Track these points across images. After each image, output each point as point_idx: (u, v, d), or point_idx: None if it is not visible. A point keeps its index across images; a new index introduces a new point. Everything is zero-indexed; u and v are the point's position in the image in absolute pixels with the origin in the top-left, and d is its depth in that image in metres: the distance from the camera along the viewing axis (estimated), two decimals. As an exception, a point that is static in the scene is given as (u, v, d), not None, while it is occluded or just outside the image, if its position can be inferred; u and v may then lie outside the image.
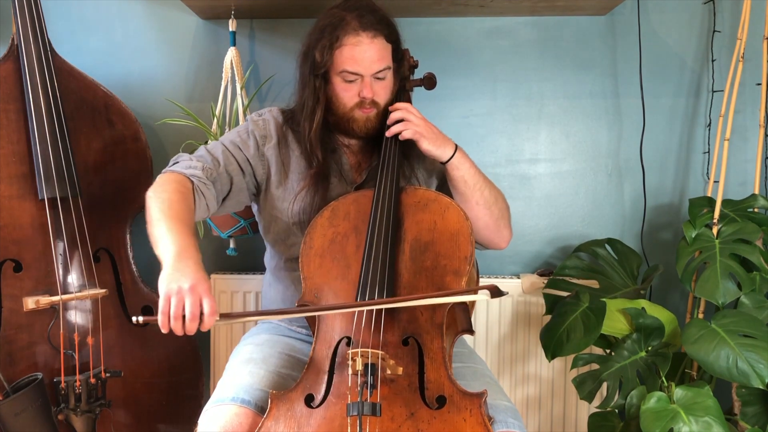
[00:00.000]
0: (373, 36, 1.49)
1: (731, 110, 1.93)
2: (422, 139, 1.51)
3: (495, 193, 1.58)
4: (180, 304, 1.18)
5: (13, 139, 1.78)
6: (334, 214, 1.48)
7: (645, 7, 2.12)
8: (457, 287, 1.34)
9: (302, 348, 1.56)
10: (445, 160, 1.53)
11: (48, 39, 1.84)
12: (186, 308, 1.18)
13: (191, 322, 1.18)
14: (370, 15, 1.50)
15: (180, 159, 1.54)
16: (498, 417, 1.30)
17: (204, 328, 1.21)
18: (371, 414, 1.17)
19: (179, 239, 1.28)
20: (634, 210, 2.19)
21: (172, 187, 1.42)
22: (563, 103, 2.18)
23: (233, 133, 1.63)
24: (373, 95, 1.52)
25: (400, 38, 1.58)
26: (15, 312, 1.76)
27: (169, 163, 1.54)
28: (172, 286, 1.19)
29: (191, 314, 1.18)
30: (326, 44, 1.49)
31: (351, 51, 1.48)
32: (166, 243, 1.28)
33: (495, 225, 1.58)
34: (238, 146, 1.58)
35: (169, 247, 1.27)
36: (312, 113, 1.55)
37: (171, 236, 1.29)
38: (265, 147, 1.60)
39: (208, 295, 1.20)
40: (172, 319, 1.18)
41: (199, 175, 1.48)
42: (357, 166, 1.63)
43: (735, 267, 1.77)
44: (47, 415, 1.71)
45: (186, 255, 1.25)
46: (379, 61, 1.50)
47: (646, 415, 1.61)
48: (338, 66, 1.50)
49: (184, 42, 2.19)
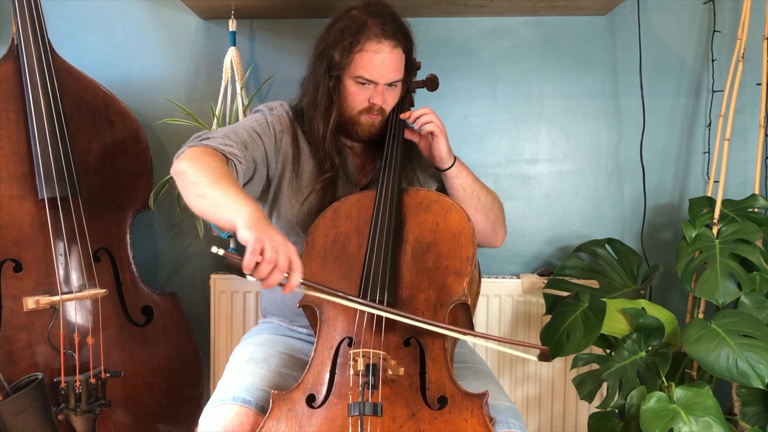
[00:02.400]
0: (394, 46, 1.49)
1: (731, 110, 1.94)
2: (441, 137, 1.53)
3: (491, 198, 1.61)
4: (274, 250, 1.14)
5: (13, 139, 1.78)
6: (337, 215, 1.48)
7: (645, 7, 2.12)
8: (459, 288, 1.34)
9: (303, 348, 1.55)
10: (446, 167, 1.55)
11: (48, 39, 1.84)
12: (280, 257, 1.14)
13: (280, 272, 1.14)
14: (392, 23, 1.50)
15: (209, 135, 1.43)
16: (499, 417, 1.30)
17: (288, 288, 1.17)
18: (372, 414, 1.17)
19: (251, 202, 1.22)
20: (634, 210, 2.19)
21: (212, 158, 1.34)
22: (563, 103, 2.18)
23: (251, 120, 1.57)
24: (383, 103, 1.53)
25: (414, 50, 1.58)
26: (15, 312, 1.76)
27: (192, 138, 1.44)
28: (264, 235, 1.14)
29: (282, 265, 1.14)
30: (347, 46, 1.48)
31: (371, 57, 1.48)
32: (237, 203, 1.21)
33: (492, 228, 1.63)
34: (260, 135, 1.54)
35: (242, 207, 1.20)
36: (327, 112, 1.54)
37: (239, 197, 1.23)
38: (282, 142, 1.58)
39: (296, 255, 1.17)
40: (264, 263, 1.13)
41: (237, 153, 1.41)
42: (361, 168, 1.64)
43: (735, 267, 1.77)
44: (47, 415, 1.71)
45: (264, 217, 1.20)
46: (395, 72, 1.51)
47: (646, 415, 1.61)
48: (354, 70, 1.49)
49: (184, 42, 2.19)
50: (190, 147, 1.39)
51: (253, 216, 1.19)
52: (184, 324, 2.03)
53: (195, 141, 1.42)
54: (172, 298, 2.04)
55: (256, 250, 1.13)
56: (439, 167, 1.57)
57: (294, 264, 1.17)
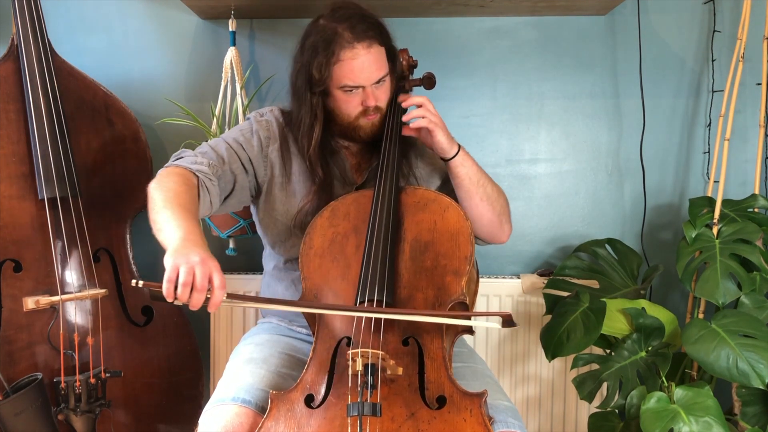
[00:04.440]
0: (368, 45, 1.47)
1: (731, 110, 1.93)
2: (437, 130, 1.51)
3: (497, 190, 1.60)
4: (189, 273, 1.13)
5: (13, 139, 1.78)
6: (334, 214, 1.48)
7: (645, 7, 2.12)
8: (458, 287, 1.34)
9: (302, 348, 1.55)
10: (450, 156, 1.54)
11: (48, 39, 1.84)
12: (196, 278, 1.13)
13: (199, 292, 1.13)
14: (361, 23, 1.48)
15: (183, 154, 1.50)
16: (498, 417, 1.29)
17: (212, 305, 1.16)
18: (371, 414, 1.17)
19: (186, 225, 1.25)
20: (634, 210, 2.19)
21: (177, 179, 1.38)
22: (563, 103, 2.18)
23: (235, 131, 1.60)
24: (376, 102, 1.52)
25: (392, 38, 1.56)
26: (15, 312, 1.76)
27: (171, 158, 1.50)
28: (179, 259, 1.14)
29: (201, 285, 1.13)
30: (323, 61, 1.47)
31: (350, 65, 1.47)
32: (172, 228, 1.24)
33: (498, 220, 1.60)
34: (242, 145, 1.56)
35: (175, 231, 1.23)
36: (310, 130, 1.54)
37: (177, 222, 1.25)
38: (269, 149, 1.59)
39: (218, 271, 1.16)
40: (180, 287, 1.13)
41: (205, 171, 1.45)
42: (357, 167, 1.63)
43: (735, 267, 1.77)
44: (47, 415, 1.71)
45: (192, 238, 1.21)
46: (378, 70, 1.50)
47: (646, 415, 1.61)
48: (338, 81, 1.49)
49: (184, 42, 2.19)
50: (164, 167, 1.44)
51: (179, 241, 1.20)
52: (183, 324, 2.03)
53: (171, 160, 1.48)
54: (172, 298, 2.03)
55: (171, 277, 1.13)
56: (442, 157, 1.56)
57: (214, 281, 1.15)
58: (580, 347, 1.73)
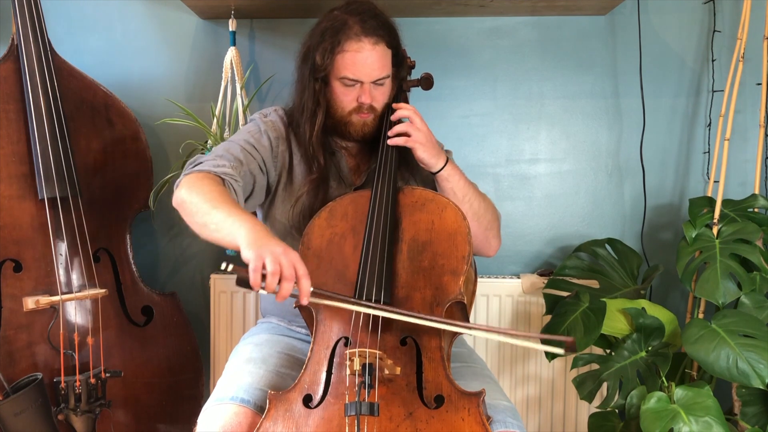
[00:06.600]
0: (375, 42, 1.48)
1: (731, 110, 1.93)
2: (417, 147, 1.50)
3: (485, 205, 1.57)
4: (275, 262, 1.14)
5: (13, 139, 1.79)
6: (332, 215, 1.47)
7: (645, 7, 2.12)
8: (455, 287, 1.34)
9: (302, 347, 1.55)
10: (436, 170, 1.52)
11: (48, 39, 1.84)
12: (284, 267, 1.15)
13: (288, 281, 1.15)
14: (372, 20, 1.48)
15: (201, 159, 1.47)
16: (497, 417, 1.29)
17: (303, 295, 1.18)
18: (369, 414, 1.17)
19: (248, 218, 1.24)
20: (634, 210, 2.19)
21: (208, 182, 1.37)
22: (563, 103, 2.18)
23: (244, 133, 1.58)
24: (372, 101, 1.52)
25: (401, 43, 1.57)
26: (15, 312, 1.76)
27: (187, 166, 1.47)
28: (262, 250, 1.15)
29: (289, 274, 1.15)
30: (327, 47, 1.47)
31: (353, 57, 1.47)
32: (234, 224, 1.23)
33: (483, 235, 1.58)
34: (254, 146, 1.55)
35: (240, 226, 1.22)
36: (313, 116, 1.54)
37: (236, 217, 1.24)
38: (279, 149, 1.59)
39: (300, 261, 1.18)
40: (269, 275, 1.14)
41: (231, 173, 1.43)
42: (356, 169, 1.63)
43: (735, 267, 1.77)
44: (47, 415, 1.71)
45: (263, 230, 1.22)
46: (380, 69, 1.50)
47: (646, 415, 1.60)
48: (338, 71, 1.49)
49: (184, 42, 2.19)
50: (185, 175, 1.42)
51: (250, 233, 1.20)
52: (183, 324, 2.04)
53: (189, 168, 1.45)
54: (172, 298, 2.04)
55: (258, 267, 1.14)
56: (428, 171, 1.55)
57: (299, 270, 1.17)
58: (580, 347, 1.73)
